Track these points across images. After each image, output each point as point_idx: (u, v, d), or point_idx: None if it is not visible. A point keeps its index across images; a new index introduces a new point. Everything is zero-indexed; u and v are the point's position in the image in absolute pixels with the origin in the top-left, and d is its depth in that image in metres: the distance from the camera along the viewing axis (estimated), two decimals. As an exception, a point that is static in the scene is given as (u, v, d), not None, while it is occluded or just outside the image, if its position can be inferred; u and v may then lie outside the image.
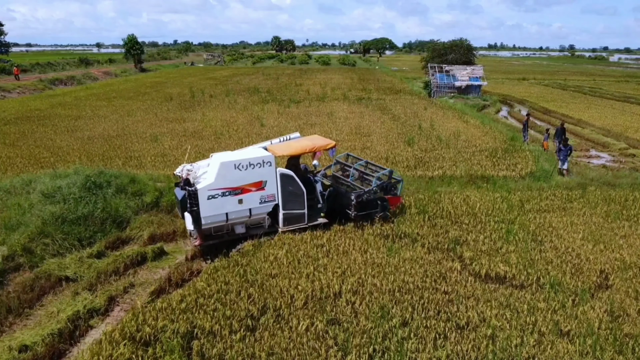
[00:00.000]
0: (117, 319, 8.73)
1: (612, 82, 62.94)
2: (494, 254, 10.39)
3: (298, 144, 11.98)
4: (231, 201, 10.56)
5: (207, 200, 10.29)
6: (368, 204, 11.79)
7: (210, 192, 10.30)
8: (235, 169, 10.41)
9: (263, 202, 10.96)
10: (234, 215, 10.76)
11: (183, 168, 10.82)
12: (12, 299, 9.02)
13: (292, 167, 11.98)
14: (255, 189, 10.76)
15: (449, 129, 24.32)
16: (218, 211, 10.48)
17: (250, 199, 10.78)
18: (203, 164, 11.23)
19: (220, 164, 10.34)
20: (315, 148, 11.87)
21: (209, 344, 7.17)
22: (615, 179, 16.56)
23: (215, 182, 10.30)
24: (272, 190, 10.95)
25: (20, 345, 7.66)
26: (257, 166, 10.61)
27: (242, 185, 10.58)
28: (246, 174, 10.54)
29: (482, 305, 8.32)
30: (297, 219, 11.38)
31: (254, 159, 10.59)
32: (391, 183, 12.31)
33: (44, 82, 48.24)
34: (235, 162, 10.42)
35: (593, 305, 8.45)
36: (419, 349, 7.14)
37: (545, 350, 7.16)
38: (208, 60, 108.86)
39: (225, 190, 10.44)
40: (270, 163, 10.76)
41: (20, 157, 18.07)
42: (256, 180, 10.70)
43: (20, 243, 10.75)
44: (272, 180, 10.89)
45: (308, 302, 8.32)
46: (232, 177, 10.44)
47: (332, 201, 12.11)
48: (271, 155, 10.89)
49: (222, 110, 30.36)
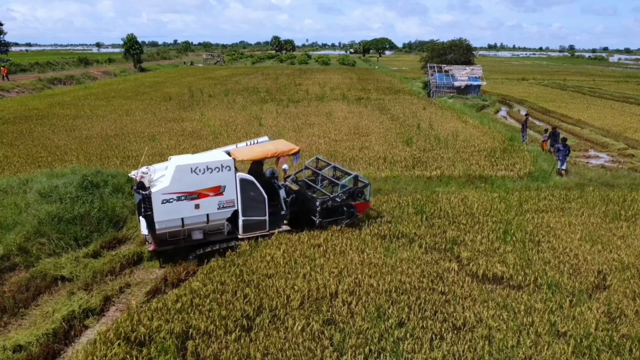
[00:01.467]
0: (112, 319, 8.68)
1: (612, 82, 62.94)
2: (491, 254, 10.35)
3: (260, 148, 11.59)
4: (187, 206, 10.13)
5: (161, 204, 9.87)
6: (333, 210, 11.49)
7: (165, 196, 9.90)
8: (191, 172, 10.00)
9: (221, 207, 10.50)
10: (191, 221, 10.34)
11: (138, 171, 10.42)
12: (7, 299, 8.97)
13: (254, 172, 11.61)
14: (213, 194, 10.32)
15: (448, 129, 24.29)
16: (173, 216, 10.06)
17: (208, 204, 10.33)
18: (161, 167, 10.88)
19: (176, 167, 9.95)
20: (278, 153, 11.41)
21: (204, 344, 7.13)
22: (614, 179, 16.53)
23: (171, 185, 9.91)
24: (231, 196, 10.50)
25: (14, 345, 7.61)
26: (215, 170, 10.19)
27: (199, 189, 10.16)
28: (203, 178, 10.13)
29: (479, 305, 8.29)
30: (257, 226, 10.93)
31: (212, 163, 10.18)
32: (358, 188, 11.82)
33: (43, 82, 48.17)
34: (191, 165, 10.01)
35: (590, 306, 8.40)
36: (415, 349, 7.10)
37: (542, 351, 7.12)
38: (207, 60, 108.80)
39: (180, 195, 10.01)
40: (230, 167, 10.33)
41: (18, 156, 18.02)
42: (214, 185, 10.27)
43: (16, 242, 10.70)
44: (232, 186, 10.45)
45: (304, 303, 8.28)
46: (189, 181, 10.02)
47: (299, 206, 11.78)
48: (230, 160, 10.50)
49: (221, 110, 30.32)
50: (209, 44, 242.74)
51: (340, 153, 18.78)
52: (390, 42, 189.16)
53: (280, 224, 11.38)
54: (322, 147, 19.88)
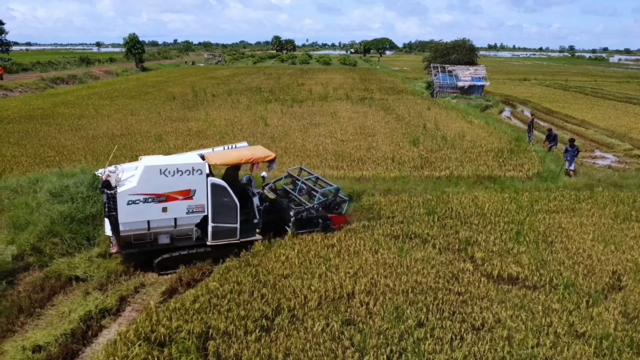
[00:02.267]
0: (128, 319, 8.69)
1: (613, 82, 63.03)
2: (505, 255, 10.36)
3: (235, 153, 11.27)
4: (154, 208, 9.78)
5: (126, 205, 9.55)
6: (308, 221, 11.21)
7: (131, 197, 9.57)
8: (160, 174, 9.66)
9: (190, 212, 10.13)
10: (157, 224, 9.99)
11: (105, 169, 10.16)
12: (23, 299, 8.97)
13: (230, 177, 11.32)
14: (182, 197, 9.96)
15: (454, 129, 24.29)
16: (139, 218, 9.74)
17: (176, 208, 9.98)
18: (131, 167, 10.63)
19: (144, 168, 9.65)
20: (252, 159, 11.06)
21: (225, 344, 7.13)
22: (622, 180, 16.54)
23: (138, 186, 9.58)
24: (201, 201, 10.13)
25: (33, 345, 7.61)
26: (186, 173, 9.83)
27: (167, 192, 9.80)
28: (173, 180, 9.77)
29: (497, 306, 8.29)
30: (227, 234, 10.50)
31: (183, 166, 9.83)
32: (335, 201, 11.55)
33: (46, 81, 48.14)
34: (161, 167, 9.69)
35: (607, 307, 8.42)
36: (436, 350, 7.10)
37: (563, 351, 7.13)
38: (209, 59, 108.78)
39: (147, 196, 9.68)
40: (201, 171, 9.97)
41: (26, 156, 18.00)
42: (183, 189, 9.92)
43: (30, 242, 10.70)
44: (202, 190, 10.08)
45: (322, 303, 8.28)
46: (157, 182, 9.68)
47: (274, 215, 11.53)
48: (202, 163, 10.11)
49: (225, 110, 30.32)
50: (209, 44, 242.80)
51: (348, 153, 18.78)
52: (390, 42, 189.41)
53: (252, 232, 10.96)
54: (329, 147, 19.88)
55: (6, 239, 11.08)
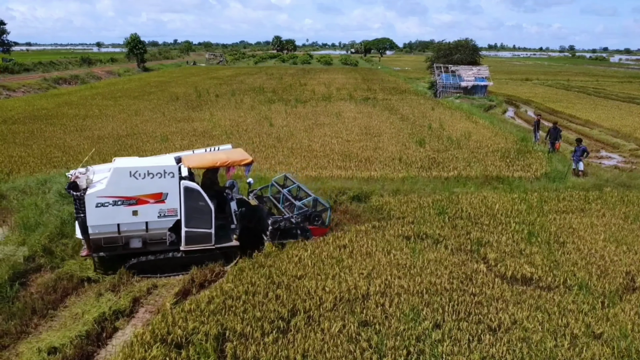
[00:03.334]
0: (142, 320, 8.66)
1: (615, 82, 62.98)
2: (517, 256, 10.33)
3: (211, 156, 10.94)
4: (124, 211, 9.59)
5: (95, 207, 9.36)
6: (286, 231, 10.91)
7: (100, 200, 9.35)
8: (130, 176, 9.45)
9: (162, 216, 9.89)
10: (127, 228, 9.79)
11: (76, 170, 9.96)
12: (36, 300, 8.94)
13: (207, 180, 11.12)
14: (154, 200, 9.72)
15: (459, 130, 24.27)
16: (108, 221, 9.54)
17: (147, 212, 9.76)
18: (104, 168, 10.44)
19: (114, 170, 9.47)
20: (228, 162, 10.65)
21: (242, 346, 7.10)
22: (630, 180, 16.51)
23: (107, 188, 9.38)
24: (173, 204, 9.86)
25: (49, 347, 7.59)
26: (157, 176, 9.59)
27: (137, 195, 9.59)
28: (143, 183, 9.54)
29: (512, 307, 8.27)
30: (202, 239, 10.21)
31: (154, 168, 9.61)
32: (315, 212, 11.20)
33: (48, 81, 48.16)
34: (131, 169, 9.49)
35: (623, 308, 8.39)
36: (454, 351, 7.08)
37: (581, 352, 7.10)
38: (210, 59, 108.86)
39: (117, 199, 9.47)
40: (173, 174, 9.71)
41: (32, 156, 17.98)
42: (155, 192, 9.68)
43: (41, 243, 10.69)
44: (174, 193, 9.81)
45: (337, 304, 8.26)
46: (127, 185, 9.47)
47: (254, 222, 11.24)
48: (174, 166, 9.85)
49: (230, 110, 30.30)
50: (209, 44, 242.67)
51: (355, 153, 18.75)
52: (391, 42, 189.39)
53: (229, 238, 10.67)
54: (335, 147, 19.85)
55: (17, 240, 11.08)
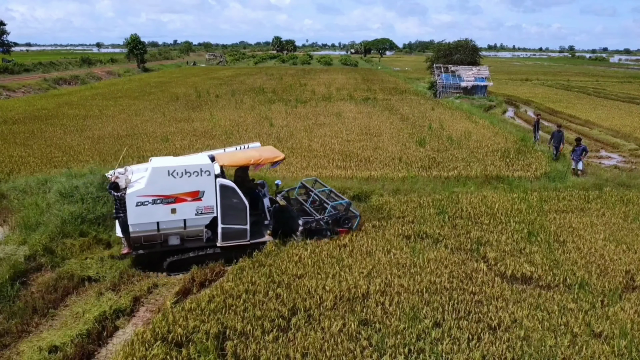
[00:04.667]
0: (143, 319, 8.68)
1: (615, 82, 62.98)
2: (517, 255, 10.35)
3: (243, 154, 11.19)
4: (163, 210, 9.77)
5: (135, 206, 9.56)
6: (316, 232, 11.10)
7: (140, 199, 9.55)
8: (168, 175, 9.64)
9: (199, 213, 10.08)
10: (166, 225, 9.97)
11: (115, 171, 10.18)
12: (37, 299, 8.96)
13: (238, 178, 11.30)
14: (191, 198, 9.92)
15: (459, 130, 24.29)
16: (148, 219, 9.73)
17: (185, 209, 9.95)
18: (141, 168, 10.64)
19: (152, 169, 9.65)
20: (261, 160, 10.92)
21: (243, 344, 7.12)
22: (630, 180, 16.51)
23: (146, 188, 9.57)
24: (210, 202, 10.07)
25: (50, 346, 7.60)
26: (194, 175, 9.80)
27: (175, 193, 9.78)
28: (181, 182, 9.74)
29: (512, 306, 8.29)
30: (237, 235, 10.44)
31: (191, 167, 9.80)
32: (345, 215, 11.39)
33: (48, 82, 48.14)
34: (169, 168, 9.68)
35: (623, 306, 8.41)
36: (454, 349, 7.10)
37: (581, 351, 7.12)
38: (210, 60, 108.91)
39: (156, 198, 9.66)
40: (209, 172, 9.93)
41: (33, 156, 17.99)
42: (192, 190, 9.88)
43: (41, 243, 10.72)
44: (211, 191, 10.03)
45: (337, 303, 8.28)
46: (165, 184, 9.66)
47: (282, 223, 11.28)
48: (210, 164, 10.07)
49: (230, 110, 30.31)
50: (209, 44, 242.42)
51: (355, 153, 18.77)
52: (391, 42, 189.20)
53: (263, 234, 10.94)
54: (335, 147, 19.87)
55: (18, 239, 11.10)
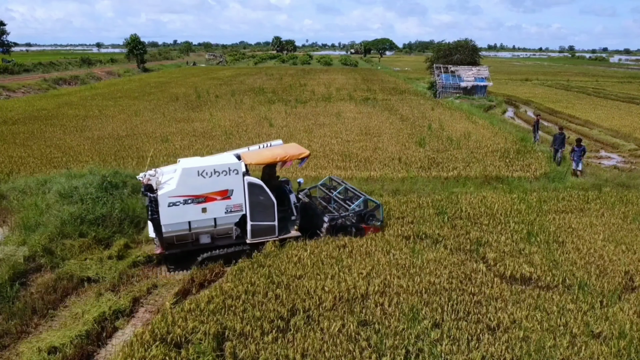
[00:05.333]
0: (142, 320, 8.69)
1: (615, 82, 62.97)
2: (517, 255, 10.35)
3: (270, 152, 11.33)
4: (194, 209, 10.01)
5: (167, 207, 9.79)
6: (341, 229, 11.26)
7: (171, 199, 9.79)
8: (198, 175, 9.86)
9: (229, 212, 10.32)
10: (198, 225, 10.22)
11: (146, 173, 10.38)
12: (36, 300, 8.96)
13: (265, 175, 11.49)
14: (221, 197, 10.15)
15: (459, 130, 24.29)
16: (180, 219, 9.97)
17: (215, 208, 10.18)
18: (169, 169, 10.82)
19: (182, 170, 9.83)
20: (287, 157, 11.10)
21: (242, 345, 7.12)
22: (630, 180, 16.53)
23: (177, 189, 9.80)
24: (239, 200, 10.30)
25: (49, 346, 7.60)
26: (223, 174, 10.02)
27: (205, 193, 10.00)
28: (210, 181, 9.96)
29: (512, 306, 8.29)
30: (266, 231, 10.70)
31: (219, 166, 9.99)
32: (370, 211, 11.53)
33: (48, 82, 48.17)
34: (198, 168, 9.87)
35: (622, 307, 8.41)
36: (453, 350, 7.09)
37: (580, 351, 7.12)
38: (210, 60, 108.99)
39: (187, 198, 9.90)
40: (237, 171, 10.13)
41: (32, 157, 18.01)
42: (221, 189, 10.11)
43: (41, 244, 10.71)
44: (239, 190, 10.25)
45: (336, 304, 8.28)
46: (195, 184, 9.88)
47: (307, 219, 11.49)
48: (238, 163, 10.28)
49: (230, 111, 30.32)
50: (209, 44, 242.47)
51: (355, 154, 18.77)
52: (391, 42, 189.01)
53: (290, 229, 11.15)
54: (335, 147, 19.87)
55: (17, 240, 11.10)
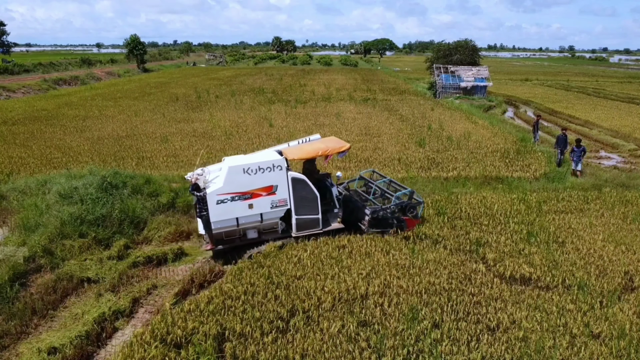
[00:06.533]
0: (142, 320, 8.69)
1: (615, 83, 62.95)
2: (516, 256, 10.35)
3: (311, 147, 11.60)
4: (241, 206, 10.38)
5: (216, 205, 10.15)
6: (382, 221, 11.47)
7: (219, 197, 10.17)
8: (244, 173, 10.24)
9: (274, 207, 10.70)
10: (245, 220, 10.58)
11: (194, 172, 10.66)
12: (36, 301, 8.97)
13: (307, 170, 11.79)
14: (266, 193, 10.53)
15: (459, 130, 24.29)
16: (228, 216, 10.34)
17: (261, 204, 10.56)
18: (215, 168, 11.12)
19: (229, 169, 10.19)
20: (328, 151, 11.38)
21: (241, 346, 7.12)
22: (630, 180, 16.53)
23: (224, 186, 10.15)
24: (283, 195, 10.68)
25: (49, 347, 7.61)
26: (267, 170, 10.40)
27: (251, 189, 10.39)
28: (255, 178, 10.34)
29: (511, 307, 8.29)
30: (311, 224, 11.08)
31: (264, 163, 10.37)
32: (411, 204, 11.76)
33: (48, 82, 48.18)
34: (244, 166, 10.24)
35: (621, 307, 8.41)
36: (453, 351, 7.09)
37: (579, 352, 7.12)
38: (210, 60, 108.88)
39: (234, 195, 10.27)
40: (281, 167, 10.50)
41: (32, 157, 18.01)
42: (266, 185, 10.48)
43: (41, 244, 10.71)
44: (284, 185, 10.63)
45: (336, 304, 8.27)
46: (241, 181, 10.25)
47: (348, 212, 11.80)
48: (282, 159, 10.61)
49: (230, 111, 30.31)
50: (209, 45, 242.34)
51: (355, 154, 18.76)
52: (391, 42, 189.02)
53: (333, 221, 11.54)
54: (335, 148, 19.84)
55: (17, 240, 11.11)
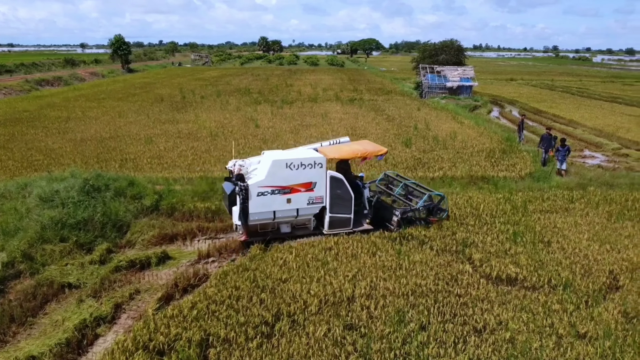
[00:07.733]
0: (124, 326, 8.49)
1: (598, 82, 63.85)
2: (503, 256, 10.35)
3: (349, 147, 11.96)
4: (279, 200, 10.65)
5: (256, 196, 10.40)
6: (410, 222, 11.78)
7: (260, 189, 10.43)
8: (286, 167, 10.51)
9: (311, 203, 10.96)
10: (281, 214, 10.87)
11: (235, 163, 10.92)
12: (15, 308, 8.71)
13: (341, 170, 11.93)
14: (305, 189, 10.80)
15: (445, 130, 24.36)
16: (266, 208, 10.60)
17: (299, 199, 10.82)
18: (254, 161, 11.33)
19: (272, 162, 10.46)
20: (366, 153, 11.72)
21: (226, 352, 6.99)
22: (613, 179, 16.70)
23: (266, 179, 10.43)
24: (320, 192, 10.94)
25: (27, 356, 7.37)
26: (309, 167, 10.66)
27: (291, 184, 10.65)
28: (297, 173, 10.60)
29: (498, 307, 8.27)
30: (342, 223, 11.34)
31: (306, 160, 10.65)
32: (438, 206, 12.14)
33: (30, 83, 47.33)
34: (287, 161, 10.52)
35: (607, 307, 8.44)
36: (440, 353, 7.05)
37: (566, 352, 7.12)
38: (195, 60, 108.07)
39: (274, 189, 10.55)
40: (322, 165, 10.79)
41: (13, 159, 17.63)
42: (306, 181, 10.74)
43: (20, 249, 10.43)
44: (322, 182, 10.89)
45: (322, 307, 8.18)
46: (283, 175, 10.53)
47: (375, 212, 11.99)
48: (323, 157, 10.89)
49: (215, 112, 30.07)
50: (195, 45, 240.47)
51: (341, 154, 18.67)
52: (377, 42, 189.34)
53: (362, 222, 11.74)
54: (321, 148, 19.75)
55: (-5, 245, 10.81)
